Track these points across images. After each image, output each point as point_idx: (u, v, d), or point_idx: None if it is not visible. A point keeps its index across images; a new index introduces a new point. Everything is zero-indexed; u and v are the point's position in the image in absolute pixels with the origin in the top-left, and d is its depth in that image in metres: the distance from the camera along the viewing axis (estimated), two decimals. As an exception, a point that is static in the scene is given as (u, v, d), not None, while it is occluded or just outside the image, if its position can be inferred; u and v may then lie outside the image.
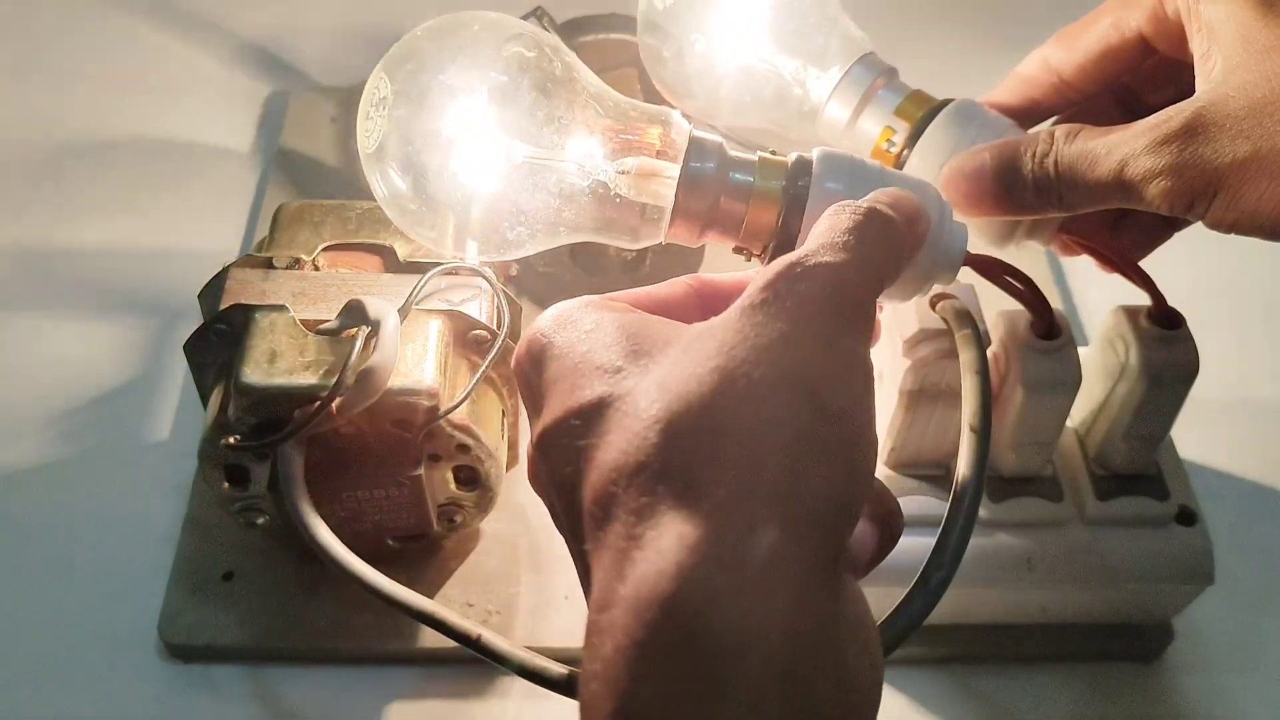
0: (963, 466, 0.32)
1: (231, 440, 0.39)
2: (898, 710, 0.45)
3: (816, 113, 0.43)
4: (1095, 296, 0.57)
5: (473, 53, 0.36)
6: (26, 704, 0.44)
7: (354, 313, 0.39)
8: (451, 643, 0.44)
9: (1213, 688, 0.47)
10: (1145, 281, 0.40)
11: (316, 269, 0.42)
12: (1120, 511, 0.44)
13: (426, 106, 0.36)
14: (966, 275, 0.41)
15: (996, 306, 0.42)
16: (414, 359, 0.39)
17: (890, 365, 0.41)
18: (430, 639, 0.45)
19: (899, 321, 0.40)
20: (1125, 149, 0.34)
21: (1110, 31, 0.39)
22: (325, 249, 0.42)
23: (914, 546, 0.32)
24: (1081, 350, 0.41)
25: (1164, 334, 0.40)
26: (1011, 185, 0.37)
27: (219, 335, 0.40)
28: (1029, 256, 0.55)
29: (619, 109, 0.36)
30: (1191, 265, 0.42)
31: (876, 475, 0.27)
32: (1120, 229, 0.42)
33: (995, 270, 0.37)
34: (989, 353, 0.38)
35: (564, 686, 0.34)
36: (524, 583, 0.47)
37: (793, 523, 0.24)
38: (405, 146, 0.36)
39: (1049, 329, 0.40)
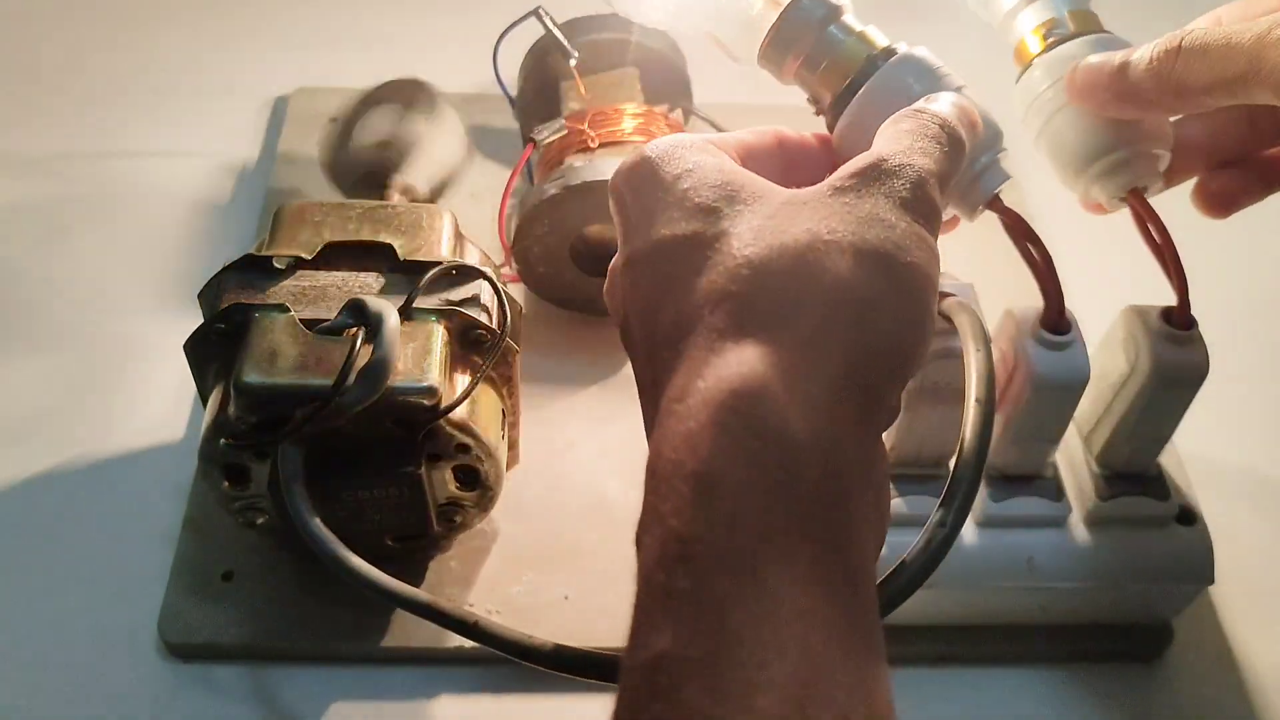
0: (968, 436, 0.32)
1: (231, 439, 0.39)
2: (898, 710, 0.45)
3: None
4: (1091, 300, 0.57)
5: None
6: (26, 703, 0.44)
7: (354, 312, 0.39)
8: (451, 642, 0.44)
9: (1212, 688, 0.47)
10: (1180, 279, 0.40)
11: (316, 269, 0.42)
12: (1120, 511, 0.44)
13: None
14: (969, 273, 0.42)
15: (1002, 306, 0.42)
16: (414, 359, 0.39)
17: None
18: (430, 638, 0.45)
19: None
20: (1264, 25, 0.33)
21: None
22: (325, 249, 0.42)
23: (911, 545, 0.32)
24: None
25: (1177, 335, 0.40)
26: (1129, 68, 0.37)
27: (219, 335, 0.40)
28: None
29: None
30: (1191, 264, 0.42)
31: None
32: (1222, 173, 0.41)
33: (1019, 229, 0.38)
34: (997, 350, 0.38)
35: (563, 665, 0.34)
36: (524, 583, 0.47)
37: (854, 370, 0.27)
38: None
39: (1058, 320, 0.40)
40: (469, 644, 0.44)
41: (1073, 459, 0.45)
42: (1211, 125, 0.41)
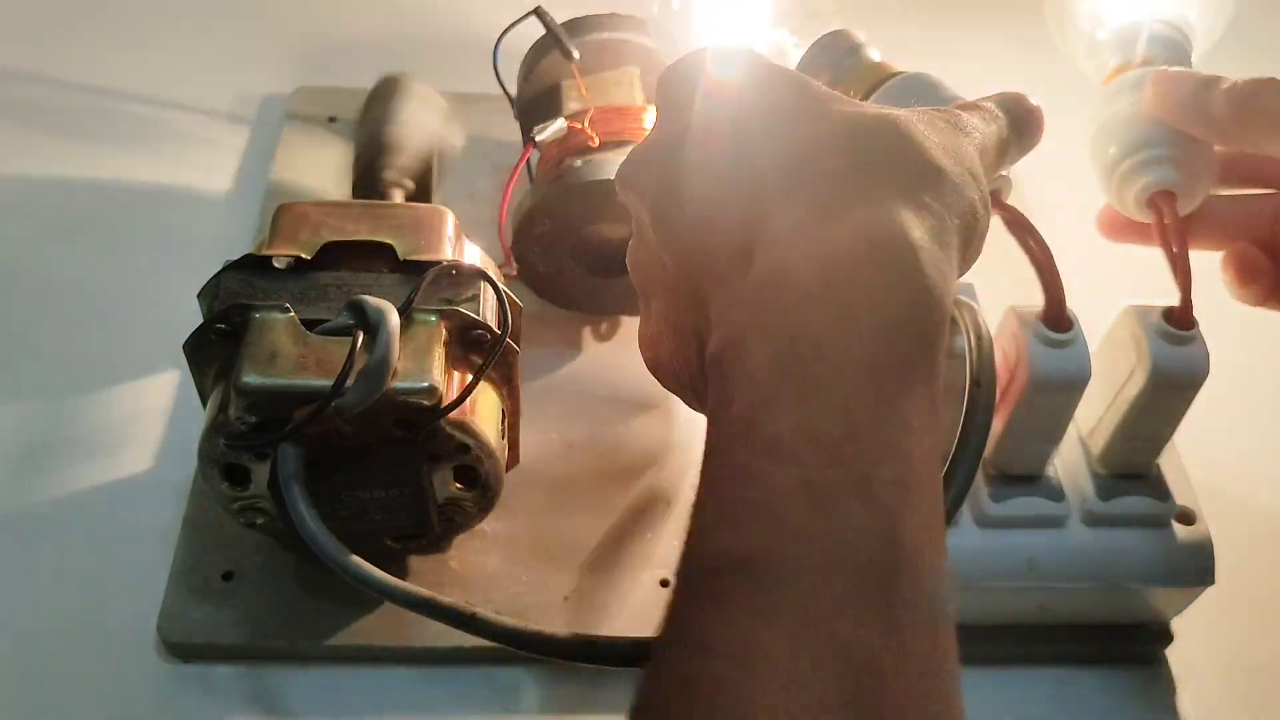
0: (966, 419, 0.34)
1: (230, 440, 0.39)
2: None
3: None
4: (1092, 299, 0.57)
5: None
6: (25, 703, 0.44)
7: (354, 312, 0.39)
8: (451, 642, 0.44)
9: (1213, 688, 0.47)
10: (1186, 280, 0.40)
11: (316, 269, 0.42)
12: (1120, 511, 0.44)
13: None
14: (969, 273, 0.42)
15: (1002, 306, 0.42)
16: (414, 359, 0.39)
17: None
18: (430, 638, 0.45)
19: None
20: None
21: None
22: (325, 249, 0.42)
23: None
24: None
25: (1178, 335, 0.40)
26: (1211, 85, 0.39)
27: (219, 335, 0.40)
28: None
29: None
30: (1191, 264, 0.42)
31: None
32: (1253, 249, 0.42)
33: (1020, 225, 0.38)
34: (998, 348, 0.39)
35: (562, 651, 0.35)
36: (524, 583, 0.47)
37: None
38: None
39: (1059, 318, 0.40)
40: (469, 643, 0.44)
41: (1073, 459, 0.45)
42: (1244, 208, 0.43)
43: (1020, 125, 0.35)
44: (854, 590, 0.23)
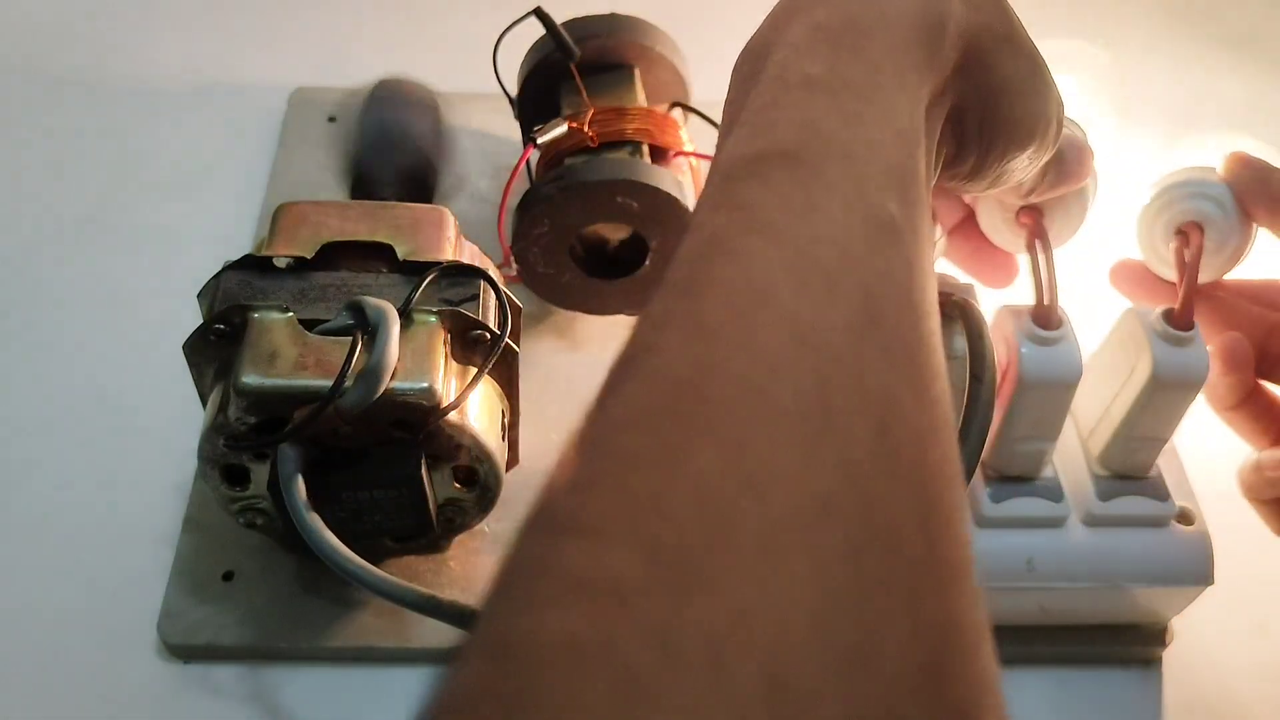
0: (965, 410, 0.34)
1: (230, 440, 0.39)
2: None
3: None
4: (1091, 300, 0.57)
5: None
6: (25, 703, 0.44)
7: (354, 313, 0.39)
8: (451, 642, 0.44)
9: (1213, 688, 0.47)
10: (1191, 283, 0.40)
11: (316, 269, 0.42)
12: (1120, 511, 0.44)
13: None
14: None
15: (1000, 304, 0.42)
16: (414, 359, 0.39)
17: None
18: (430, 638, 0.45)
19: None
20: None
21: None
22: (325, 249, 0.42)
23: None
24: (1090, 350, 0.41)
25: (1178, 336, 0.40)
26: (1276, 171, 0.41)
27: (219, 335, 0.40)
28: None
29: None
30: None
31: None
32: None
33: (1037, 235, 0.39)
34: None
35: None
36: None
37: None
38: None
39: (1048, 315, 0.40)
40: (469, 644, 0.44)
41: (1072, 459, 0.45)
42: (1249, 303, 0.44)
43: (1065, 159, 0.37)
44: (881, 177, 0.26)
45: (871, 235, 0.25)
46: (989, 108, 0.32)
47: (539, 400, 0.52)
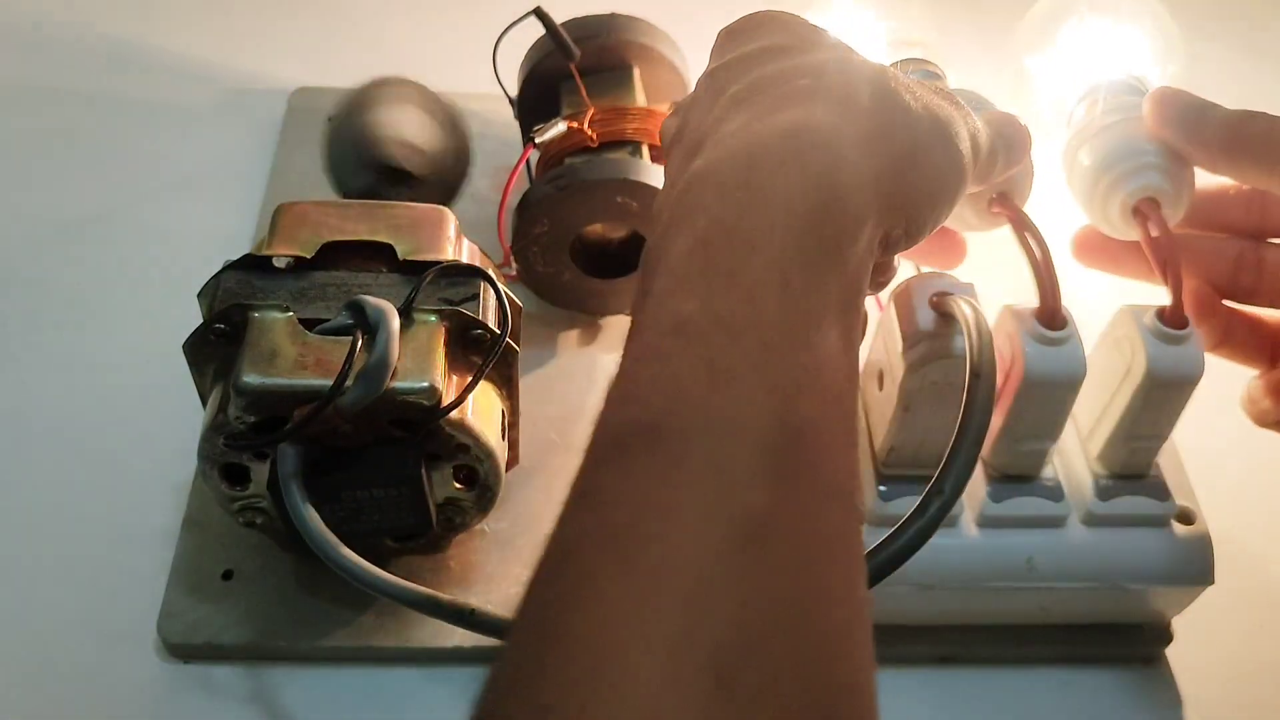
0: (966, 407, 0.34)
1: (230, 440, 0.39)
2: (897, 711, 0.45)
3: None
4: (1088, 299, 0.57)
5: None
6: (25, 703, 0.44)
7: (354, 312, 0.39)
8: (451, 641, 0.44)
9: (1213, 688, 0.47)
10: (1177, 281, 0.40)
11: (316, 269, 0.42)
12: (1120, 511, 0.44)
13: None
14: (969, 273, 0.42)
15: (1002, 307, 0.42)
16: (414, 359, 0.39)
17: (890, 365, 0.41)
18: (430, 637, 0.45)
19: (899, 320, 0.40)
20: None
21: None
22: (325, 249, 0.42)
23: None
24: (1086, 350, 0.41)
25: (1172, 334, 0.40)
26: (1209, 109, 0.40)
27: (219, 335, 0.40)
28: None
29: None
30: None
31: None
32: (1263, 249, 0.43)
33: (1020, 222, 0.39)
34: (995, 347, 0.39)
35: None
36: (523, 582, 0.47)
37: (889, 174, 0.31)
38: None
39: (1052, 315, 0.40)
40: (469, 643, 0.44)
41: (1072, 459, 0.45)
42: (1205, 248, 0.44)
43: (1009, 141, 0.37)
44: (749, 457, 0.24)
45: (731, 554, 0.23)
46: (913, 207, 0.32)
47: (539, 400, 0.52)
